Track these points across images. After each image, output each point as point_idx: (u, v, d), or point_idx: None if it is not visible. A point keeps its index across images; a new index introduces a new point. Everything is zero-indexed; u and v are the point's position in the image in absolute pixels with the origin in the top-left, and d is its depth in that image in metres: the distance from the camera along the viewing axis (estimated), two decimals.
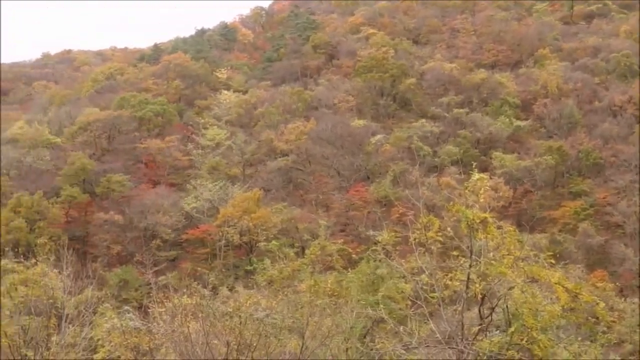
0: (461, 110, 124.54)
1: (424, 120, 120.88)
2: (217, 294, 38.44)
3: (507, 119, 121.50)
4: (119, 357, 37.73)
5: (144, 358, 30.13)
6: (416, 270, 21.35)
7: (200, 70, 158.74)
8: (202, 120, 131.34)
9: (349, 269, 54.35)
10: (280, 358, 25.77)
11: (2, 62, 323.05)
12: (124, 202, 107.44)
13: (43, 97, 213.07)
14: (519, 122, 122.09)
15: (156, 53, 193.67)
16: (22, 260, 62.85)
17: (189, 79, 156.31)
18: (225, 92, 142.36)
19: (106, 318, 47.30)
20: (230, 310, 26.01)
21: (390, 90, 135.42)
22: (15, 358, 35.60)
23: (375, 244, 54.64)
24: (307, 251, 77.53)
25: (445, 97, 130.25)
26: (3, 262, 73.65)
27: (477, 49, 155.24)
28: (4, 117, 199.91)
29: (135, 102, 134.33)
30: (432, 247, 20.43)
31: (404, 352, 21.63)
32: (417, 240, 20.75)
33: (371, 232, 68.13)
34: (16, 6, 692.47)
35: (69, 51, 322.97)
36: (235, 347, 24.63)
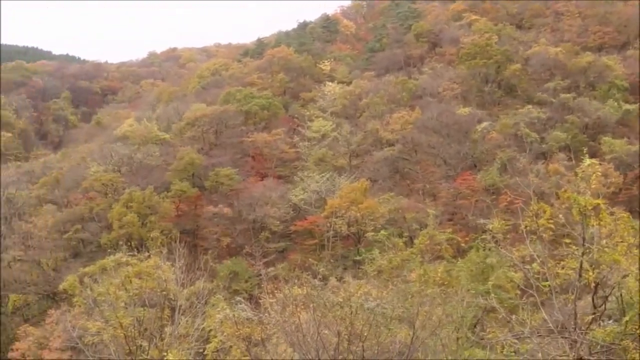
0: (568, 95, 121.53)
1: (530, 106, 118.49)
2: (326, 284, 38.63)
3: (616, 103, 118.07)
4: (231, 347, 38.46)
5: (256, 348, 30.54)
6: (527, 259, 21.14)
7: (303, 63, 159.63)
8: (308, 113, 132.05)
9: (458, 258, 54.06)
10: (391, 348, 25.80)
11: (110, 62, 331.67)
12: (233, 195, 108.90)
13: (151, 94, 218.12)
14: (628, 106, 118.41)
15: (260, 48, 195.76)
16: (136, 253, 64.72)
17: (293, 72, 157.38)
18: (330, 83, 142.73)
19: (218, 309, 48.31)
20: (341, 300, 26.15)
21: (495, 76, 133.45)
22: (131, 348, 36.73)
23: (485, 232, 54.16)
24: (415, 241, 77.31)
25: (551, 82, 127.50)
26: (118, 255, 76.00)
27: (582, 31, 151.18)
28: (114, 116, 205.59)
29: (241, 97, 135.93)
30: (543, 235, 20.20)
31: (515, 341, 21.47)
32: (527, 228, 20.55)
33: (481, 220, 67.70)
34: (122, 8, 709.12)
35: (175, 49, 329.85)
36: (346, 337, 24.79)
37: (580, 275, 19.16)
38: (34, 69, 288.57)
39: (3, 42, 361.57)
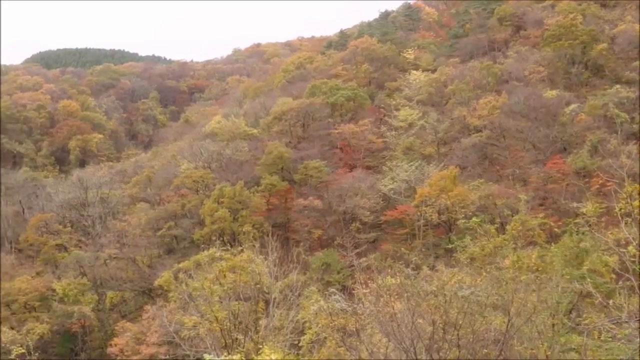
0: None
1: (618, 86, 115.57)
2: (419, 273, 38.59)
3: None
4: (326, 338, 38.77)
5: (350, 338, 30.71)
6: (622, 242, 20.84)
7: (387, 53, 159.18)
8: (394, 102, 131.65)
9: (551, 243, 53.32)
10: (486, 336, 25.70)
11: (196, 61, 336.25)
12: (322, 187, 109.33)
13: (237, 91, 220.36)
14: None
15: (343, 39, 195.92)
16: (229, 248, 65.61)
17: (377, 62, 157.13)
18: (414, 72, 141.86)
19: (312, 301, 48.72)
20: (435, 289, 26.14)
21: (581, 57, 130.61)
22: (227, 342, 37.32)
23: (577, 216, 53.29)
24: (507, 227, 76.31)
25: (638, 61, 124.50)
26: (211, 250, 77.10)
27: None
28: (202, 113, 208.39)
29: (327, 89, 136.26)
30: (639, 217, 19.88)
31: (613, 326, 21.18)
32: (622, 210, 20.24)
33: (573, 204, 66.65)
34: (205, 7, 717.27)
35: (258, 45, 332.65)
36: (441, 325, 24.78)
37: None
38: (122, 71, 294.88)
39: (90, 46, 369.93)
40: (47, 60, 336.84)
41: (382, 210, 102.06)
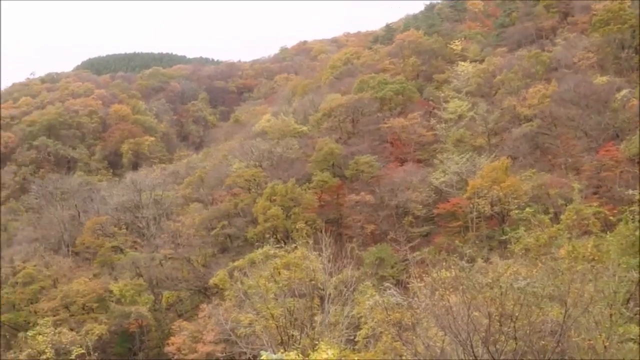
0: None
1: None
2: (473, 265, 38.44)
3: None
4: (382, 332, 38.83)
5: (406, 333, 30.73)
6: None
7: (434, 45, 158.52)
8: (442, 94, 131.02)
9: (607, 232, 52.71)
10: (543, 327, 25.60)
11: (243, 61, 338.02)
12: (374, 182, 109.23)
13: (285, 89, 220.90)
14: None
15: (389, 33, 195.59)
16: (282, 245, 65.97)
17: (424, 55, 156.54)
18: (462, 63, 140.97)
19: (367, 296, 48.77)
20: (490, 281, 26.11)
21: (630, 41, 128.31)
22: (283, 338, 37.58)
23: (633, 203, 52.62)
24: (561, 216, 75.57)
25: None
26: (265, 248, 77.48)
27: None
28: (251, 112, 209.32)
29: (375, 84, 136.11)
30: None
31: None
32: None
33: (629, 192, 65.76)
34: (251, 7, 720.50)
35: (305, 42, 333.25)
36: (497, 317, 24.76)
37: None
38: (171, 74, 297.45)
39: (139, 50, 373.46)
40: (97, 66, 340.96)
41: (434, 203, 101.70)
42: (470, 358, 24.76)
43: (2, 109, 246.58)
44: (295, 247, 56.00)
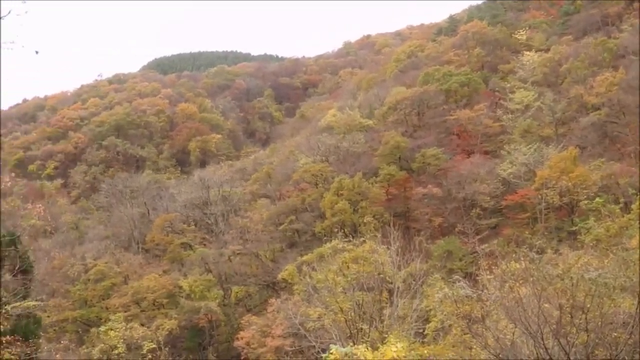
0: None
1: None
2: (543, 257, 38.03)
3: None
4: (451, 325, 38.67)
5: (476, 325, 30.57)
6: None
7: (498, 35, 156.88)
8: (508, 85, 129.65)
9: None
10: (615, 319, 25.26)
11: (307, 57, 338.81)
12: (441, 174, 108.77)
13: (350, 83, 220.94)
14: None
15: (452, 25, 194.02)
16: (350, 239, 66.03)
17: (489, 45, 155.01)
18: (527, 52, 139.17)
19: (436, 288, 48.60)
20: (560, 272, 25.84)
21: None
22: (352, 332, 37.67)
23: None
24: (632, 206, 74.46)
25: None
26: (334, 242, 77.81)
27: None
28: (317, 108, 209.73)
29: (440, 76, 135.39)
30: None
31: None
32: None
33: None
34: (313, 3, 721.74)
35: (368, 36, 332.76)
36: (568, 309, 24.50)
37: None
38: (236, 72, 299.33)
39: (203, 49, 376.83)
40: (163, 66, 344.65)
41: (502, 195, 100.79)
42: (541, 350, 24.56)
43: (72, 110, 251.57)
44: (364, 240, 56.12)
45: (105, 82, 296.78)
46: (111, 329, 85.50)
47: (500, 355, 26.05)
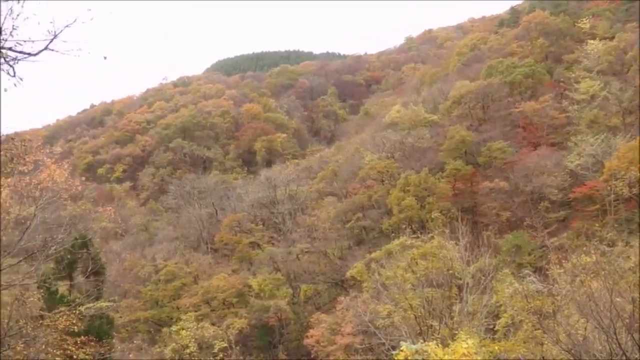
0: None
1: None
2: (614, 250, 37.73)
3: None
4: (521, 321, 38.56)
5: (547, 320, 30.49)
6: None
7: (561, 25, 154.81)
8: (573, 75, 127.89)
9: None
10: None
11: (369, 53, 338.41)
12: (507, 168, 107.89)
13: (413, 79, 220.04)
14: None
15: (514, 16, 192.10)
16: (418, 235, 66.04)
17: (552, 36, 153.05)
18: (591, 41, 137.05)
19: (506, 284, 48.44)
20: (632, 265, 25.69)
21: None
22: (422, 329, 37.77)
23: None
24: None
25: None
26: (402, 239, 77.82)
27: None
28: (380, 104, 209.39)
29: (503, 68, 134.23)
30: None
31: None
32: None
33: None
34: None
35: (430, 31, 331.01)
36: None
37: None
38: (299, 71, 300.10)
39: (266, 49, 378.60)
40: (227, 67, 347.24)
41: (569, 187, 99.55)
42: (614, 346, 24.41)
43: (138, 113, 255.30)
44: (432, 236, 56.14)
45: (170, 85, 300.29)
46: (183, 329, 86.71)
47: (572, 351, 25.96)
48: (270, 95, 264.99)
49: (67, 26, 13.64)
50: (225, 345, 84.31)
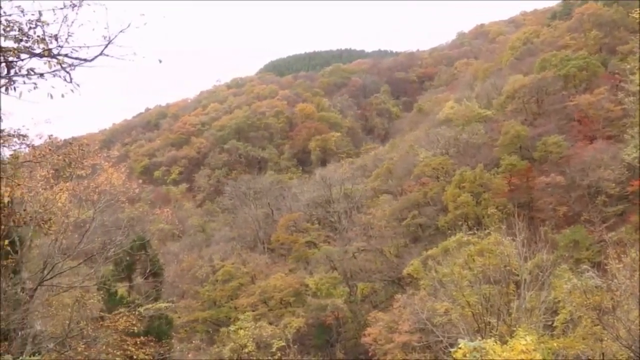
0: None
1: None
2: None
3: None
4: (580, 317, 38.21)
5: (606, 316, 30.26)
6: None
7: (615, 16, 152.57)
8: (628, 66, 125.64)
9: None
10: None
11: (421, 50, 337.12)
12: (563, 162, 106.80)
13: (466, 74, 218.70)
14: None
15: (566, 8, 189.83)
16: (475, 232, 65.78)
17: (606, 27, 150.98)
18: None
19: (564, 279, 48.06)
20: None
21: None
22: (480, 326, 37.69)
23: None
24: None
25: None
26: (458, 235, 77.52)
27: None
28: (434, 101, 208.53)
29: (557, 61, 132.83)
30: None
31: None
32: None
33: None
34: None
35: (482, 25, 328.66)
36: None
37: None
38: (351, 69, 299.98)
39: (318, 49, 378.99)
40: (279, 68, 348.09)
41: (627, 180, 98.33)
42: None
43: (193, 116, 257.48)
44: (488, 233, 55.85)
45: (223, 87, 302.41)
46: (241, 328, 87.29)
47: (632, 347, 25.78)
48: (323, 95, 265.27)
49: (121, 31, 13.95)
50: (283, 344, 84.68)
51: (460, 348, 21.40)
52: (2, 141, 19.43)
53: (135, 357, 34.50)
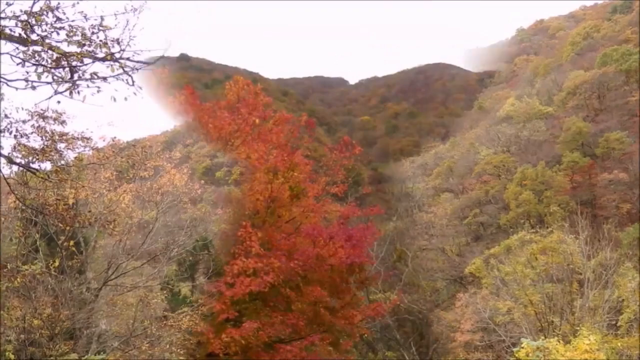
0: None
1: None
2: None
3: None
4: None
5: None
6: None
7: None
8: None
9: None
10: None
11: (481, 47, 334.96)
12: (626, 158, 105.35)
13: (526, 71, 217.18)
14: None
15: (627, 1, 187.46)
16: (537, 230, 65.20)
17: None
18: None
19: (628, 278, 47.48)
20: None
21: None
22: (542, 325, 37.41)
23: None
24: None
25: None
26: (521, 234, 76.79)
27: None
28: (494, 98, 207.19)
29: (618, 56, 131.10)
30: None
31: None
32: None
33: None
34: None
35: (541, 21, 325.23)
36: None
37: None
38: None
39: None
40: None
41: None
42: None
43: None
44: (551, 231, 55.38)
45: None
46: None
47: None
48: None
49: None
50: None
51: (523, 347, 21.40)
52: (67, 144, 19.88)
53: (198, 355, 34.98)
